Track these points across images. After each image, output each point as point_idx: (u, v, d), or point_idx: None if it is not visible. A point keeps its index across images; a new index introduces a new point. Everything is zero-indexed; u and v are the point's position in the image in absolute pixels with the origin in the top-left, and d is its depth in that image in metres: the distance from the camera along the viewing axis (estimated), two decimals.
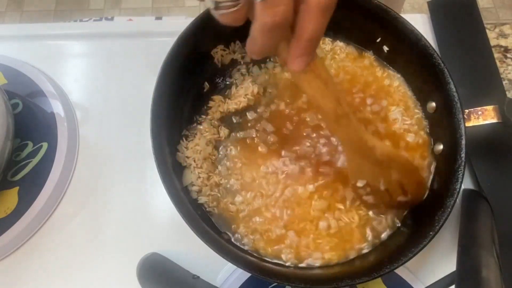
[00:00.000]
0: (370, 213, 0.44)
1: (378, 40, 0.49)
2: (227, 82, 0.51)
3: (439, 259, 0.47)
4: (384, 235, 0.44)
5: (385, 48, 0.49)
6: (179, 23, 0.49)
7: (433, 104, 0.45)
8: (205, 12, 0.46)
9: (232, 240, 0.44)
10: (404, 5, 1.73)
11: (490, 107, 0.45)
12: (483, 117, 0.45)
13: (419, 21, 0.59)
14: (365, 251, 0.43)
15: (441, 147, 0.44)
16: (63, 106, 0.54)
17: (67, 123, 0.53)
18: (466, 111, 0.45)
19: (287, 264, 0.42)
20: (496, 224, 0.44)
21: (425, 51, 0.44)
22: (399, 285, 0.45)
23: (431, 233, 0.38)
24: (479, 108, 0.45)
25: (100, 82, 0.58)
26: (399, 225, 0.44)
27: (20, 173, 0.51)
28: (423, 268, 0.46)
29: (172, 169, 0.44)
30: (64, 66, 0.59)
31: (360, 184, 0.42)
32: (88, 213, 0.50)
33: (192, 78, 0.50)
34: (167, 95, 0.45)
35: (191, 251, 0.46)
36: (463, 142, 0.40)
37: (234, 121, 0.49)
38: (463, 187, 0.49)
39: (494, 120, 0.44)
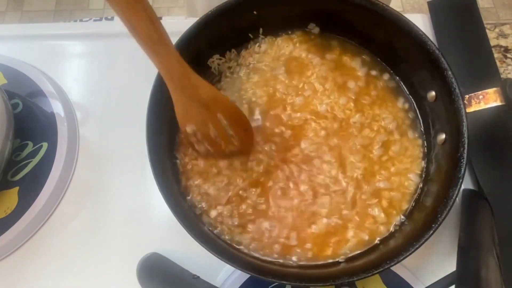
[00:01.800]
0: (376, 210, 0.44)
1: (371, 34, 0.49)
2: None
3: (439, 259, 0.47)
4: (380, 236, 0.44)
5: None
6: (179, 23, 0.49)
7: (433, 93, 0.44)
8: (199, 21, 0.46)
9: (231, 242, 0.44)
10: (404, 5, 1.73)
11: (491, 90, 0.43)
12: (484, 100, 0.43)
13: (419, 21, 0.59)
14: (364, 249, 0.43)
15: (443, 136, 0.43)
16: (63, 106, 0.54)
17: (67, 123, 0.53)
18: (467, 96, 0.43)
19: (286, 263, 0.42)
20: (496, 224, 0.44)
21: (419, 39, 0.43)
22: (399, 285, 0.45)
23: (433, 225, 0.38)
24: (480, 92, 0.43)
25: (100, 82, 0.58)
26: (404, 220, 0.44)
27: (20, 173, 0.51)
28: (423, 268, 0.46)
29: (170, 173, 0.44)
30: (64, 66, 0.59)
31: (189, 129, 0.40)
32: (88, 213, 0.50)
33: None
34: (162, 103, 0.44)
35: (191, 251, 0.46)
36: (465, 128, 0.40)
37: None
38: (463, 187, 0.49)
39: (497, 103, 0.43)
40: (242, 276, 0.45)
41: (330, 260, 0.43)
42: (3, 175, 0.50)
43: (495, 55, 0.58)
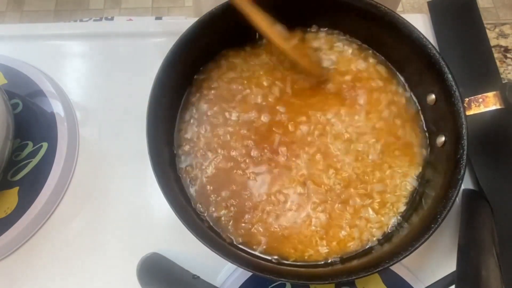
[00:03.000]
0: (370, 211, 0.44)
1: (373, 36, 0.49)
2: None
3: (439, 259, 0.47)
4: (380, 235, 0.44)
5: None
6: (179, 23, 0.49)
7: (433, 96, 0.45)
8: (201, 19, 0.46)
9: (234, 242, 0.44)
10: (404, 5, 1.73)
11: (491, 94, 0.44)
12: (484, 104, 0.44)
13: (419, 21, 0.59)
14: (360, 250, 0.43)
15: (443, 138, 0.44)
16: (63, 106, 0.54)
17: (67, 123, 0.53)
18: (466, 99, 0.44)
19: (285, 262, 0.42)
20: (496, 224, 0.44)
21: (419, 42, 0.43)
22: (399, 285, 0.45)
23: (432, 226, 0.38)
24: (480, 95, 0.44)
25: (100, 82, 0.58)
26: (401, 221, 0.44)
27: (20, 173, 0.51)
28: (423, 268, 0.46)
29: (171, 173, 0.44)
30: (64, 66, 0.59)
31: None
32: (88, 213, 0.51)
33: (191, 81, 0.50)
34: (162, 103, 0.44)
35: (191, 251, 0.46)
36: (464, 131, 0.40)
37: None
38: (463, 187, 0.49)
39: (496, 107, 0.43)
40: (242, 276, 0.45)
41: (324, 261, 0.42)
42: (3, 175, 0.50)
43: (495, 55, 0.58)
